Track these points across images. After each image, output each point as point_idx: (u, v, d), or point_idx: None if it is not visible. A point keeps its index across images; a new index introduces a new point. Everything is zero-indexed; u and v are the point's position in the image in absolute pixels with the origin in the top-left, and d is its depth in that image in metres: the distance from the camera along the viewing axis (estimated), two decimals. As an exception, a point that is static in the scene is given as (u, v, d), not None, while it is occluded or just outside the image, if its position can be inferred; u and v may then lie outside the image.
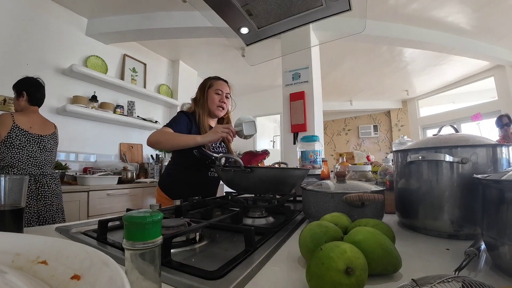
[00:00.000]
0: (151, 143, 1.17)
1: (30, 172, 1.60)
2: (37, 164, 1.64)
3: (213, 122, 1.38)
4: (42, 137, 1.69)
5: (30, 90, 1.69)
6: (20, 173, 1.55)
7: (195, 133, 1.25)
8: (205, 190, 1.30)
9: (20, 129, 1.58)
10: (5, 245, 0.29)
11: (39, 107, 1.77)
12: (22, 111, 1.69)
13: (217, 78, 1.38)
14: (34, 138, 1.64)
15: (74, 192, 2.05)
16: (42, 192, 1.63)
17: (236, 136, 1.21)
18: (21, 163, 1.57)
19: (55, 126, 1.85)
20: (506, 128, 3.16)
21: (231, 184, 0.86)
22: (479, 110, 3.88)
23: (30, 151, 1.61)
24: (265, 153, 1.09)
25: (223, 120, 1.41)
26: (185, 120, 1.26)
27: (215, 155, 1.26)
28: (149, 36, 3.02)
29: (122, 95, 3.12)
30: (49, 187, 1.67)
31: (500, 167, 0.55)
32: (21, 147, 1.58)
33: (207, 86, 1.34)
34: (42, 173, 1.66)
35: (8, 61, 2.16)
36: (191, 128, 1.25)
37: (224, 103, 1.33)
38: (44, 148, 1.69)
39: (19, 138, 1.57)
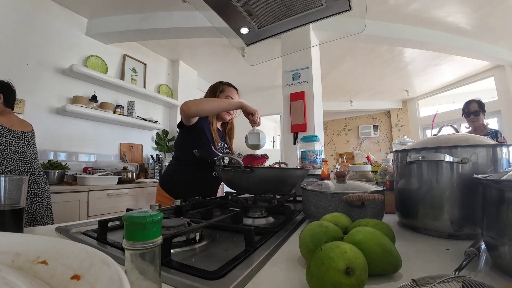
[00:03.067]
0: (188, 106, 1.13)
1: (19, 169, 1.60)
2: (25, 160, 1.65)
3: (218, 124, 1.42)
4: (24, 133, 1.70)
5: (5, 93, 1.70)
6: (8, 170, 1.55)
7: (206, 129, 1.29)
8: (208, 190, 1.31)
9: (3, 127, 1.59)
10: (5, 245, 0.29)
11: (12, 109, 1.77)
12: (2, 113, 1.68)
13: (229, 85, 1.43)
14: (18, 135, 1.65)
15: (74, 192, 2.04)
16: (31, 190, 1.63)
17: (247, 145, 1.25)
18: (9, 160, 1.57)
19: (31, 124, 1.85)
20: (473, 118, 2.32)
21: (231, 184, 0.86)
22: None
23: (17, 147, 1.62)
24: (265, 157, 1.11)
25: (227, 124, 1.46)
26: None
27: (220, 154, 1.29)
28: (149, 36, 3.02)
29: (122, 95, 3.12)
30: (38, 184, 1.67)
31: (500, 167, 0.55)
32: (8, 143, 1.58)
33: (219, 90, 1.38)
34: (29, 169, 1.66)
35: (8, 61, 2.16)
36: (200, 123, 1.28)
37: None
38: (29, 143, 1.71)
39: (4, 136, 1.58)
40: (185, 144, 1.29)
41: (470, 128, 2.37)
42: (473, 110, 2.31)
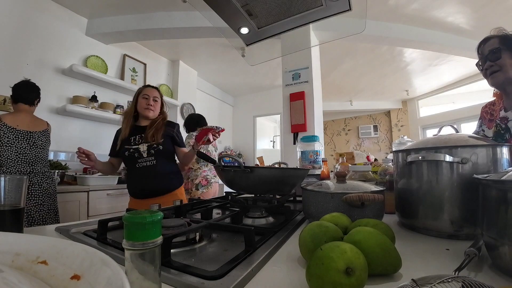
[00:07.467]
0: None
1: (19, 170, 1.58)
2: (27, 161, 1.63)
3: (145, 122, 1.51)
4: (31, 133, 1.67)
5: (13, 90, 1.70)
6: (9, 171, 1.54)
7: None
8: (142, 182, 1.41)
9: (7, 127, 1.58)
10: (5, 245, 0.29)
11: (27, 104, 1.73)
12: (12, 112, 1.70)
13: (146, 86, 1.55)
14: (22, 135, 1.63)
15: (74, 192, 2.04)
16: (32, 191, 1.61)
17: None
18: (10, 161, 1.56)
19: (47, 123, 1.83)
20: (490, 66, 1.00)
21: (231, 184, 0.86)
22: (479, 110, 3.74)
23: (18, 148, 1.60)
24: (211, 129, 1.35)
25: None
26: None
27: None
28: (149, 36, 3.02)
29: (122, 95, 3.12)
30: (40, 186, 1.65)
31: (500, 167, 0.55)
32: (9, 144, 1.57)
33: (138, 92, 1.52)
34: (32, 171, 1.64)
35: (8, 61, 2.16)
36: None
37: (151, 105, 1.48)
38: (34, 144, 1.68)
39: (6, 136, 1.56)
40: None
41: (494, 91, 1.18)
42: (490, 50, 0.99)
